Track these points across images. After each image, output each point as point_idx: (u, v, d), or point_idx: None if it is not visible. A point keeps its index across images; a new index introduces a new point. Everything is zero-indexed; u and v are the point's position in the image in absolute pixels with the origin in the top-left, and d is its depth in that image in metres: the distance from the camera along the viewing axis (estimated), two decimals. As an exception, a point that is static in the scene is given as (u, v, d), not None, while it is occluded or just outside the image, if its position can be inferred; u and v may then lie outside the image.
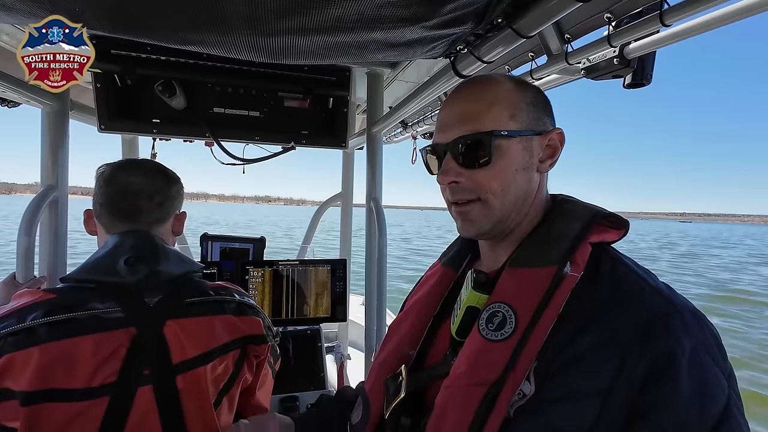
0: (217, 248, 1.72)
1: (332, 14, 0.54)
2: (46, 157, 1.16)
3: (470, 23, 0.62)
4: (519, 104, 0.58)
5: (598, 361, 0.45)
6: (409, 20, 0.58)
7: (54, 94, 1.15)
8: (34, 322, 0.66)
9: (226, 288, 0.87)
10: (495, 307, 0.52)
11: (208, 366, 0.77)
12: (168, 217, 0.89)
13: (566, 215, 0.57)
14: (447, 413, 0.51)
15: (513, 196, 0.57)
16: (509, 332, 0.50)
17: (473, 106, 0.57)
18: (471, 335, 0.54)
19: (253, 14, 0.54)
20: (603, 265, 0.53)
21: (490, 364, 0.49)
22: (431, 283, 0.70)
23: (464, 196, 0.58)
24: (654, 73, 0.94)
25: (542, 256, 0.53)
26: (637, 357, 0.44)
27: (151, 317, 0.74)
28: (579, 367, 0.46)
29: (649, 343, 0.44)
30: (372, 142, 1.52)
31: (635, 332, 0.45)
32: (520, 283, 0.53)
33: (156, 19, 0.55)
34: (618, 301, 0.48)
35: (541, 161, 0.59)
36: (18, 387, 0.64)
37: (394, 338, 0.69)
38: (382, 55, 0.68)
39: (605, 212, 0.56)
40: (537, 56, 1.03)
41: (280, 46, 0.63)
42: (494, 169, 0.56)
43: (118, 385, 0.69)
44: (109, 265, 0.75)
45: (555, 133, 0.59)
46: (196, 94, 1.38)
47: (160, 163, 0.93)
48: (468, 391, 0.49)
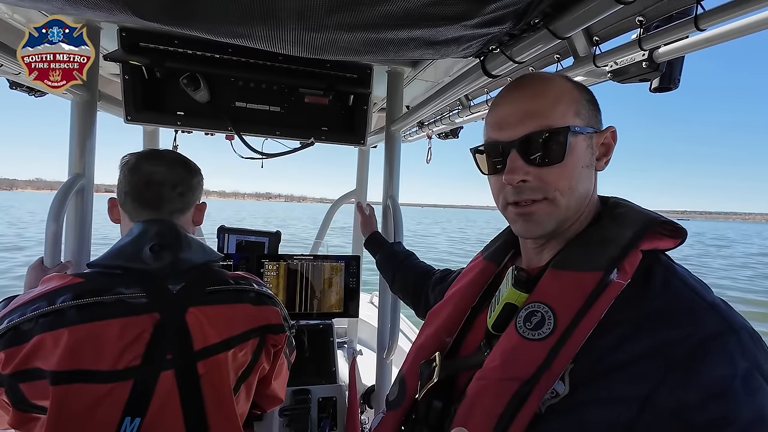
0: (234, 241, 1.74)
1: (380, 11, 0.55)
2: (75, 146, 1.19)
3: (509, 23, 0.62)
4: (581, 101, 0.57)
5: (640, 369, 0.44)
6: (451, 18, 0.59)
7: (83, 84, 1.17)
8: (64, 305, 0.68)
9: (245, 278, 0.89)
10: (534, 307, 0.52)
11: (228, 353, 0.79)
12: (189, 207, 0.90)
13: (619, 219, 0.55)
14: (478, 403, 0.52)
15: (578, 194, 0.56)
16: (547, 333, 0.50)
17: (538, 101, 0.55)
18: (507, 331, 0.54)
19: (304, 9, 0.55)
20: (656, 275, 0.51)
21: (525, 362, 0.49)
22: (472, 275, 0.72)
23: (531, 195, 0.56)
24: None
25: (588, 260, 0.52)
26: (687, 372, 0.42)
27: (174, 303, 0.76)
28: (619, 374, 0.45)
29: (702, 361, 0.42)
30: (391, 140, 1.53)
31: (687, 348, 0.44)
32: (562, 286, 0.52)
33: (210, 12, 0.56)
34: (670, 314, 0.47)
35: (598, 159, 0.59)
36: (48, 366, 0.65)
37: (433, 325, 0.70)
38: (419, 53, 0.68)
39: (661, 219, 0.53)
40: (563, 58, 1.03)
41: (323, 42, 0.64)
42: (565, 167, 0.54)
43: (142, 368, 0.70)
44: (135, 252, 0.77)
45: (609, 132, 0.59)
46: (219, 88, 1.40)
47: (182, 154, 0.95)
48: (501, 385, 0.50)
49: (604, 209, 0.60)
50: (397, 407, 0.67)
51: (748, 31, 0.68)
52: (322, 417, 1.49)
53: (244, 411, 0.87)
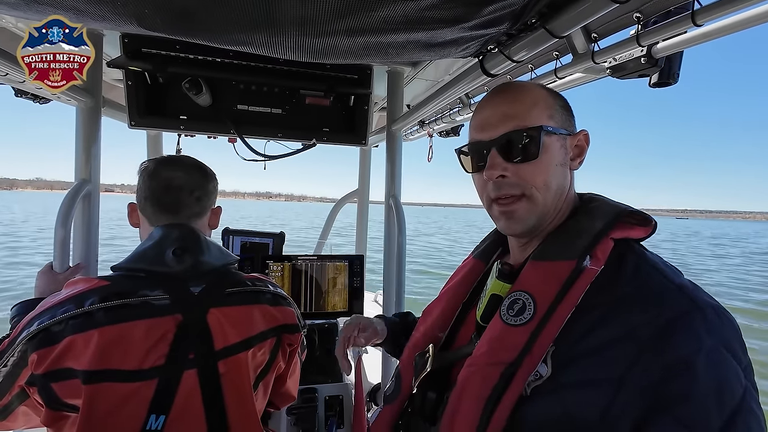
0: (238, 242, 1.76)
1: (380, 16, 0.56)
2: (80, 152, 1.21)
3: (507, 24, 0.63)
4: (554, 107, 0.62)
5: (614, 352, 0.47)
6: (449, 21, 0.60)
7: (87, 91, 1.19)
8: (92, 307, 0.71)
9: (261, 279, 0.91)
10: (516, 295, 0.56)
11: (248, 352, 0.81)
12: (206, 211, 0.93)
13: (592, 212, 0.60)
14: (467, 388, 0.56)
15: (553, 191, 0.61)
16: (527, 318, 0.53)
17: (515, 106, 0.61)
18: (493, 320, 0.58)
19: (305, 16, 0.56)
20: (628, 261, 0.54)
21: (509, 346, 0.53)
22: (462, 274, 0.77)
23: (510, 191, 0.60)
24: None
25: (564, 250, 0.56)
26: (655, 351, 0.45)
27: (196, 305, 0.78)
28: (594, 357, 0.49)
29: (669, 339, 0.45)
30: (392, 139, 1.53)
31: (655, 328, 0.46)
32: (541, 275, 0.56)
33: (213, 21, 0.57)
34: (640, 298, 0.50)
35: (572, 159, 0.63)
36: (80, 366, 0.68)
37: (426, 322, 0.76)
38: (419, 55, 0.69)
39: (630, 209, 0.57)
40: (562, 55, 1.04)
41: (323, 47, 0.65)
42: (540, 163, 0.59)
43: (166, 368, 0.73)
44: (157, 255, 0.79)
45: (582, 134, 0.64)
46: (221, 91, 1.41)
47: (197, 160, 0.97)
48: (487, 369, 0.54)
49: (581, 204, 0.64)
50: (393, 401, 0.71)
51: (746, 25, 0.69)
52: (329, 415, 1.50)
53: (261, 408, 0.90)
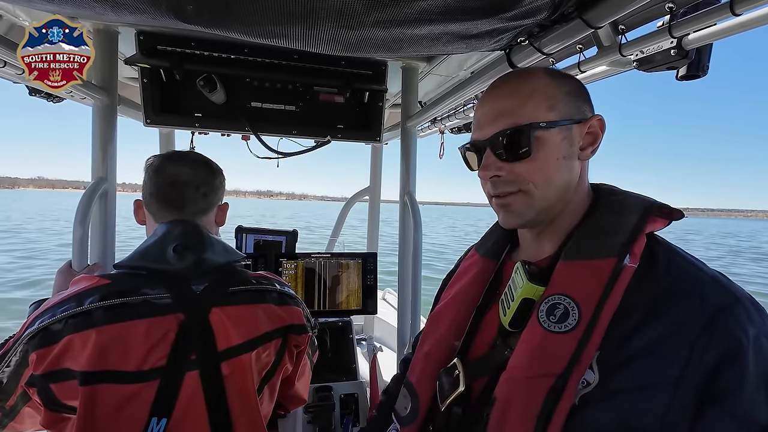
0: (251, 240, 1.75)
1: (420, 6, 0.55)
2: (96, 151, 1.20)
3: (545, 13, 0.62)
4: (557, 95, 0.58)
5: (666, 352, 0.46)
6: (489, 11, 0.58)
7: (104, 89, 1.18)
8: (92, 306, 0.69)
9: (267, 278, 0.88)
10: (555, 299, 0.53)
11: (252, 354, 0.79)
12: (212, 208, 0.91)
13: (619, 206, 0.57)
14: (513, 405, 0.51)
15: (555, 186, 0.58)
16: (573, 324, 0.50)
17: (509, 101, 0.58)
18: (530, 327, 0.54)
19: (344, 7, 0.55)
20: (659, 256, 0.53)
21: (555, 356, 0.49)
22: (472, 274, 0.70)
23: (506, 188, 0.59)
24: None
25: (600, 247, 0.53)
26: (706, 346, 0.45)
27: (198, 304, 0.76)
28: (647, 358, 0.47)
29: (716, 333, 0.45)
30: (406, 136, 1.52)
31: (701, 323, 0.46)
32: (579, 276, 0.53)
33: (250, 13, 0.56)
34: (680, 292, 0.49)
35: (582, 149, 0.59)
36: (77, 367, 0.66)
37: (438, 330, 0.69)
38: (450, 48, 0.68)
39: (658, 203, 0.56)
40: (585, 48, 1.01)
41: (357, 39, 0.63)
42: (535, 160, 0.57)
43: (168, 369, 0.71)
44: (159, 253, 0.77)
45: (595, 120, 0.59)
46: (235, 88, 1.40)
47: (204, 155, 0.95)
48: (533, 383, 0.50)
49: (599, 197, 0.61)
50: (411, 423, 0.65)
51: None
52: (344, 413, 1.50)
53: (267, 411, 0.87)
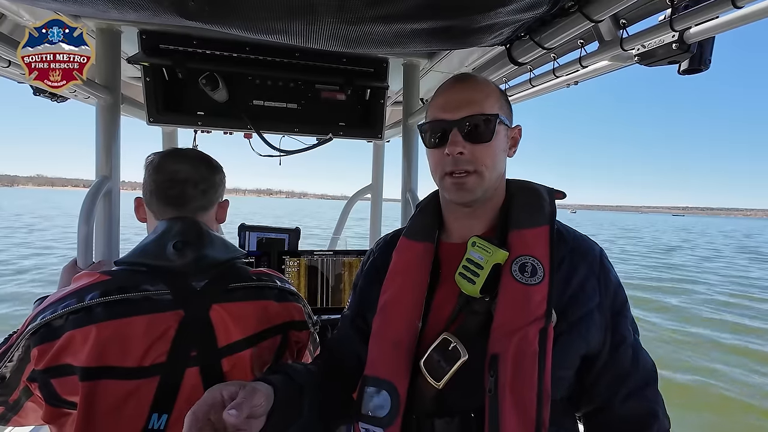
0: (254, 238, 1.76)
1: (419, 0, 0.55)
2: (100, 149, 1.21)
3: (545, 7, 0.62)
4: (501, 100, 0.73)
5: (590, 287, 0.68)
6: (488, 5, 0.59)
7: (107, 88, 1.19)
8: (92, 302, 0.70)
9: (267, 274, 0.89)
10: (523, 259, 0.66)
11: (252, 350, 0.79)
12: (212, 205, 0.91)
13: (533, 190, 0.75)
14: (516, 353, 0.61)
15: (497, 172, 0.72)
16: (542, 277, 0.64)
17: (476, 94, 0.70)
18: (507, 285, 0.65)
19: (344, 2, 0.55)
20: (557, 226, 0.71)
21: (536, 304, 0.62)
22: (414, 259, 0.76)
23: (465, 166, 0.69)
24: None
25: (537, 218, 0.70)
26: (605, 279, 0.69)
27: (198, 300, 0.76)
28: (582, 294, 0.67)
29: (603, 269, 0.70)
30: (408, 133, 1.52)
31: (598, 264, 0.70)
32: (531, 240, 0.68)
33: (251, 9, 0.56)
34: (584, 248, 0.72)
35: (510, 148, 0.75)
36: (78, 363, 0.67)
37: (397, 316, 0.72)
38: (450, 43, 0.68)
39: (552, 188, 0.75)
40: (587, 43, 1.01)
41: (357, 35, 0.64)
42: (490, 146, 0.69)
43: (168, 365, 0.71)
44: (159, 250, 0.78)
45: (518, 129, 0.76)
46: (238, 87, 1.41)
47: (204, 153, 0.95)
48: (526, 330, 0.61)
49: (513, 183, 0.78)
50: (392, 423, 0.65)
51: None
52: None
53: None
